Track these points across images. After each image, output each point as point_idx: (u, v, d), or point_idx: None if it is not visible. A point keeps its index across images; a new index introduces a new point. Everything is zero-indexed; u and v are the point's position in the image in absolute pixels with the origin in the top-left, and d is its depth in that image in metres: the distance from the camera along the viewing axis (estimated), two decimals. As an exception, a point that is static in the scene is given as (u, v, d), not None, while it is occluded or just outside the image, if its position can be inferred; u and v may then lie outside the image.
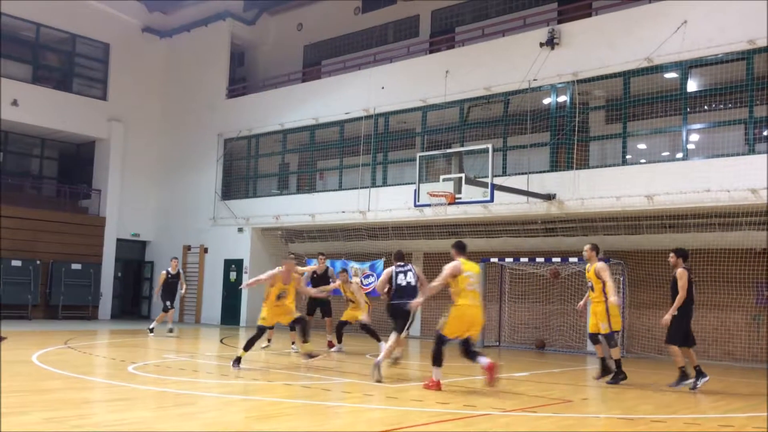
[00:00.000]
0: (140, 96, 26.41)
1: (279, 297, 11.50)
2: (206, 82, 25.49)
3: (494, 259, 18.04)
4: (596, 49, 16.11)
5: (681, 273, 10.11)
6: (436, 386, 8.91)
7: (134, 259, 26.67)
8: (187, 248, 25.12)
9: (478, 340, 12.96)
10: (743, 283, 15.21)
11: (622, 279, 16.62)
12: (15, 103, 23.10)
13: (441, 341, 8.99)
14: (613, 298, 10.35)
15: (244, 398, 8.50)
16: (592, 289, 10.64)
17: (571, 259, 16.74)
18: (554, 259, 16.95)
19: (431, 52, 20.76)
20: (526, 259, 17.55)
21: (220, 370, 11.69)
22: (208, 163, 24.78)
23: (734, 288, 15.30)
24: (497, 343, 18.32)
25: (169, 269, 17.64)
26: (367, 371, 11.37)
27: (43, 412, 6.77)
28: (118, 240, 25.30)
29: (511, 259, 17.88)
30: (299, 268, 15.11)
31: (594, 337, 10.82)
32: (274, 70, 25.50)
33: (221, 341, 17.13)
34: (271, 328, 13.58)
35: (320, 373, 10.99)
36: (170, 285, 17.49)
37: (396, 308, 10.52)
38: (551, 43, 16.61)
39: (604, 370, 10.74)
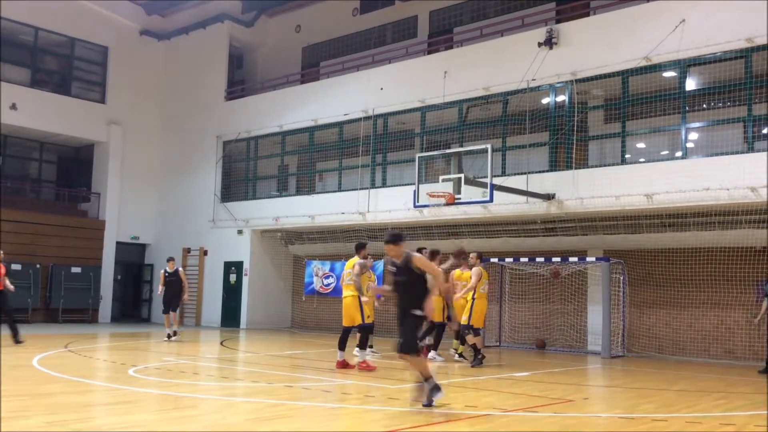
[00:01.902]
0: (139, 99, 26.40)
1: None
2: (205, 84, 25.49)
3: (494, 259, 18.03)
4: (595, 48, 16.10)
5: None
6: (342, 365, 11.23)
7: (134, 262, 26.65)
8: (187, 251, 25.11)
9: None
10: (744, 281, 15.20)
11: (622, 278, 16.62)
12: (14, 106, 23.08)
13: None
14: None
15: (245, 400, 8.49)
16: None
17: (571, 259, 16.75)
18: (554, 259, 16.95)
19: (430, 52, 20.75)
20: (525, 259, 17.54)
21: (220, 373, 11.69)
22: (207, 166, 24.78)
23: (735, 286, 15.30)
24: (498, 344, 18.31)
25: (167, 268, 17.36)
26: (368, 373, 11.37)
27: (43, 416, 6.77)
28: (118, 243, 25.29)
29: (510, 259, 17.87)
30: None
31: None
32: (273, 71, 25.51)
33: (222, 344, 17.12)
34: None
35: (321, 375, 10.99)
36: (169, 284, 17.14)
37: None
38: (549, 42, 16.60)
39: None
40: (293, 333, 21.66)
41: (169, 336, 16.85)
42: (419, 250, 11.96)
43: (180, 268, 17.68)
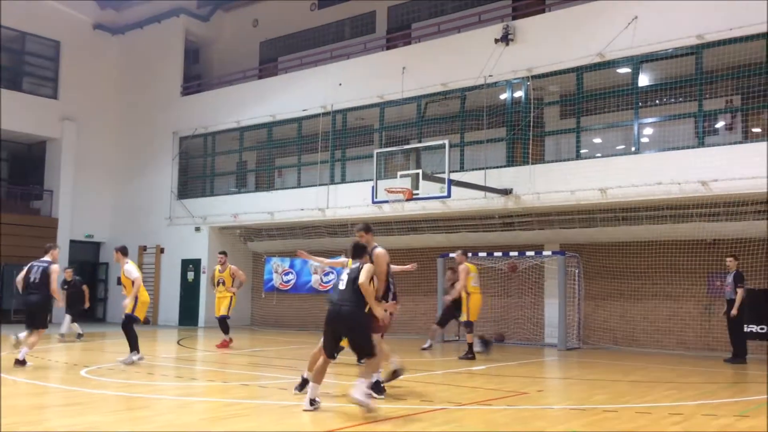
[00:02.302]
0: (93, 94, 25.87)
1: None
2: (160, 79, 25.10)
3: (453, 254, 18.10)
4: (550, 44, 16.29)
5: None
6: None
7: (88, 261, 26.13)
8: (143, 249, 24.73)
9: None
10: (694, 273, 15.55)
11: (577, 272, 16.88)
12: (-38, 102, 22.45)
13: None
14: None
15: (200, 400, 8.41)
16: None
17: (528, 253, 16.94)
18: (512, 253, 17.13)
19: (388, 48, 20.76)
20: (484, 254, 17.67)
21: (176, 372, 11.56)
22: (163, 162, 24.42)
23: (686, 279, 15.64)
24: (456, 338, 18.41)
25: (65, 276, 17.02)
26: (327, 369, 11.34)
27: (-11, 420, 6.60)
28: (72, 241, 24.75)
29: (469, 254, 17.95)
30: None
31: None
32: (230, 66, 25.23)
33: (178, 342, 16.92)
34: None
35: (279, 373, 10.93)
36: (69, 293, 16.87)
37: None
38: (506, 39, 16.74)
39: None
40: (253, 331, 21.52)
41: (78, 335, 16.73)
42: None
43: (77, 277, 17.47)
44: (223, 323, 15.04)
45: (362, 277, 7.24)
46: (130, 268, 11.77)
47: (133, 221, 25.02)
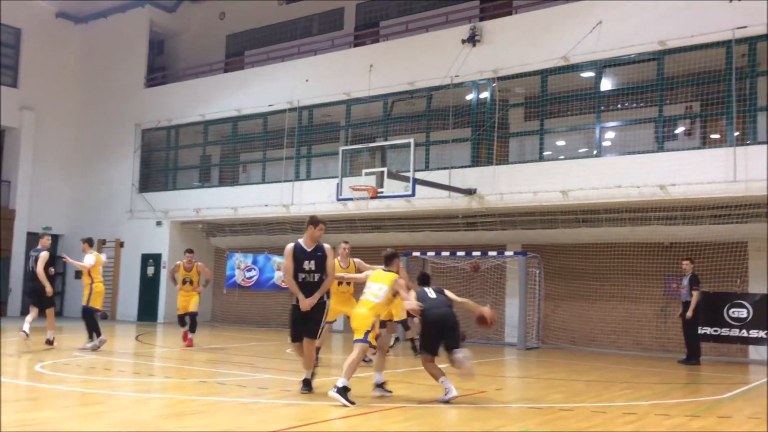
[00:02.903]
0: (54, 84, 25.36)
1: None
2: (124, 70, 24.71)
3: (416, 253, 18.19)
4: (516, 47, 16.44)
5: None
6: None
7: (46, 254, 25.59)
8: (102, 242, 24.32)
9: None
10: (652, 276, 15.85)
11: (538, 272, 17.07)
12: None
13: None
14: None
15: (157, 396, 8.31)
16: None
17: (491, 253, 17.08)
18: (474, 253, 17.25)
19: (356, 45, 20.75)
20: (447, 253, 17.77)
21: (133, 368, 11.40)
22: (124, 154, 24.05)
23: (643, 281, 15.94)
24: (418, 337, 18.49)
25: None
26: (286, 366, 11.31)
27: (-63, 415, 6.44)
28: (29, 233, 24.19)
29: (432, 253, 18.07)
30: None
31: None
32: (196, 59, 24.94)
33: (137, 338, 16.70)
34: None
35: (238, 369, 10.86)
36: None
37: None
38: (473, 40, 16.85)
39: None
40: (213, 327, 21.32)
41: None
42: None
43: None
44: (194, 321, 14.44)
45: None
46: (88, 256, 12.85)
47: (93, 214, 24.59)
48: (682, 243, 15.20)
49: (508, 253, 17.03)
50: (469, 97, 17.29)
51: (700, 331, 13.91)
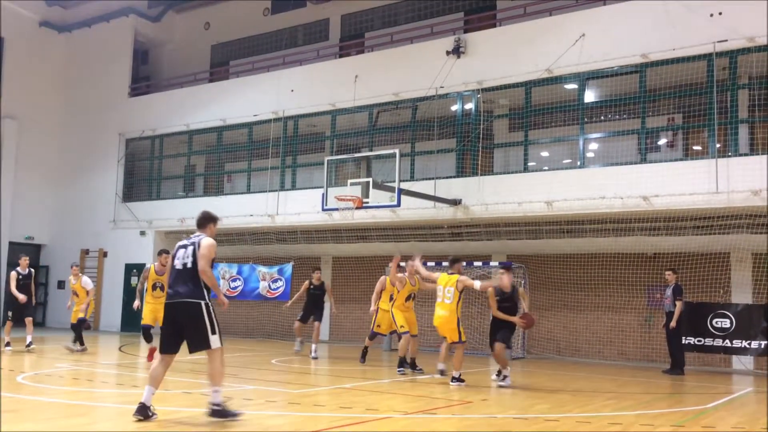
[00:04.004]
0: (37, 93, 25.16)
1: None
2: (108, 79, 24.58)
3: (402, 263, 18.15)
4: (500, 58, 16.56)
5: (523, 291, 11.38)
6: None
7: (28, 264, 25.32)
8: (86, 252, 24.12)
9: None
10: (635, 286, 15.95)
11: (523, 282, 17.11)
12: None
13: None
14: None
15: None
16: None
17: (476, 263, 17.09)
18: (460, 263, 17.25)
19: (341, 56, 20.80)
20: (432, 263, 17.75)
21: (117, 380, 11.29)
22: (108, 164, 23.89)
23: (627, 291, 16.03)
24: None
25: (19, 269, 15.34)
26: (272, 377, 11.25)
27: None
28: (11, 243, 23.95)
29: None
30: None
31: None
32: (180, 69, 24.88)
33: (120, 349, 16.54)
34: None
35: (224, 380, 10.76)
36: (22, 288, 15.10)
37: None
38: (457, 51, 16.95)
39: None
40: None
41: (8, 344, 14.85)
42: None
43: (32, 270, 15.60)
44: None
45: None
46: (88, 280, 14.54)
47: (76, 224, 24.39)
48: (665, 253, 15.32)
49: (493, 263, 17.05)
50: (454, 108, 17.37)
51: (684, 341, 14.01)
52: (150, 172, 23.39)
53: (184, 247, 7.30)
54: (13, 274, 15.21)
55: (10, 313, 15.20)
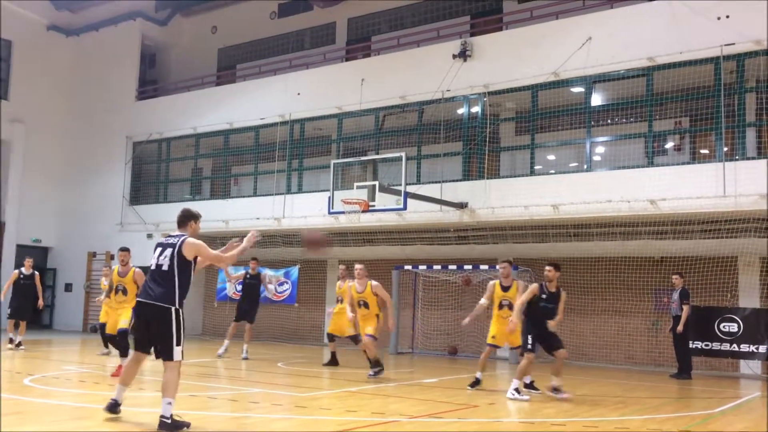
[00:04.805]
0: (44, 96, 25.27)
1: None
2: (115, 83, 24.68)
3: (408, 267, 18.22)
4: (506, 62, 16.55)
5: (565, 295, 10.43)
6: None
7: (35, 266, 25.35)
8: (92, 255, 24.19)
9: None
10: (643, 290, 15.90)
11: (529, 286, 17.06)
12: None
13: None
14: None
15: (147, 411, 8.23)
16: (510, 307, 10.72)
17: (482, 267, 17.09)
18: (466, 267, 17.27)
19: (347, 59, 20.82)
20: (439, 267, 17.79)
21: (133, 379, 11.27)
22: (115, 167, 23.96)
23: (634, 295, 15.98)
24: (411, 350, 18.48)
25: (22, 269, 15.58)
26: (278, 380, 11.25)
27: (-76, 430, 6.36)
28: (18, 246, 24.05)
29: (424, 267, 18.09)
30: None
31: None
32: (187, 72, 24.96)
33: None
34: None
35: (229, 384, 10.80)
36: (22, 288, 15.29)
37: None
38: (464, 55, 16.95)
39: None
40: (204, 340, 21.18)
41: (11, 341, 15.42)
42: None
43: (36, 272, 15.84)
44: (124, 339, 11.41)
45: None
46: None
47: (83, 226, 24.47)
48: (672, 257, 15.26)
49: (499, 266, 17.02)
50: (460, 111, 17.37)
51: (691, 345, 13.96)
52: (157, 175, 23.46)
53: (162, 246, 7.04)
54: (15, 272, 15.68)
55: (9, 311, 15.49)
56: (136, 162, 23.83)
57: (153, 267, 6.97)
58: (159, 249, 7.02)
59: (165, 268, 6.87)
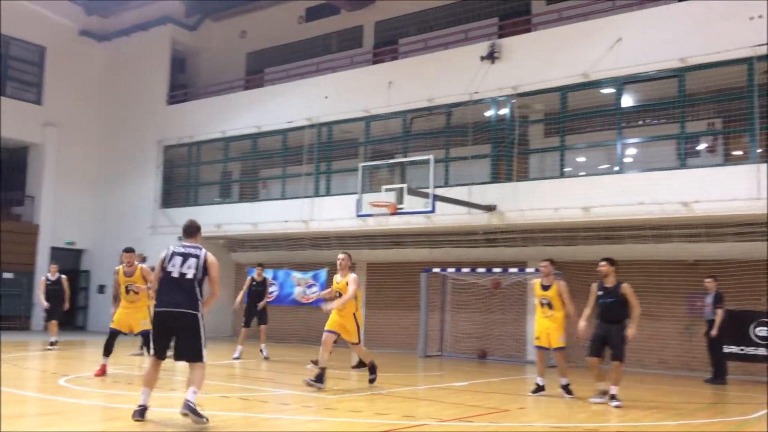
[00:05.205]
0: (77, 101, 25.72)
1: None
2: (146, 87, 25.02)
3: (436, 269, 18.18)
4: (535, 63, 16.44)
5: (630, 289, 10.01)
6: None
7: (69, 268, 25.79)
8: (125, 257, 24.48)
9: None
10: (675, 293, 15.67)
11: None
12: (-57, 105, 22.21)
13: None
14: None
15: (178, 411, 8.30)
16: (551, 306, 10.65)
17: (512, 270, 16.99)
18: (495, 269, 17.18)
19: (375, 62, 20.86)
20: (467, 269, 17.73)
21: (156, 382, 11.40)
22: (147, 171, 24.28)
23: (667, 299, 15.76)
24: (439, 353, 18.42)
25: (48, 275, 16.30)
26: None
27: (-36, 429, 6.50)
28: (53, 248, 24.50)
29: (453, 269, 18.04)
30: None
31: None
32: (217, 77, 25.20)
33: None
34: None
35: (258, 384, 10.86)
36: (51, 292, 16.00)
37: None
38: (492, 56, 16.88)
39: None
40: (233, 342, 21.30)
41: (52, 343, 15.97)
42: None
43: (63, 276, 16.36)
44: (148, 340, 10.32)
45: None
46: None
47: (116, 229, 24.82)
48: (706, 260, 15.04)
49: (529, 269, 16.92)
50: (489, 113, 17.30)
51: (726, 349, 13.72)
52: (187, 179, 23.72)
53: (183, 256, 7.20)
54: (42, 279, 16.29)
55: (45, 315, 16.30)
56: (166, 166, 24.11)
57: (175, 275, 7.11)
58: (179, 258, 7.18)
59: (190, 276, 7.10)
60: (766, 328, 13.65)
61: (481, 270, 17.44)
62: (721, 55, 13.97)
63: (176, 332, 7.11)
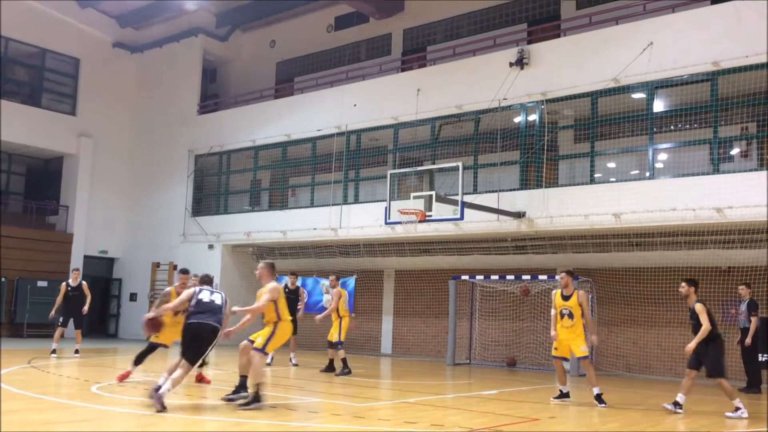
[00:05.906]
0: (110, 111, 26.18)
1: None
2: (178, 97, 25.37)
3: (465, 277, 18.11)
4: (564, 69, 16.33)
5: (700, 307, 10.02)
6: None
7: (102, 276, 26.26)
8: (156, 265, 24.82)
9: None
10: (710, 301, 15.29)
11: (590, 296, 16.74)
12: (-19, 117, 22.74)
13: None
14: None
15: (210, 419, 8.38)
16: (571, 316, 10.57)
17: (541, 277, 16.85)
18: (524, 277, 17.05)
19: (403, 70, 20.89)
20: (496, 277, 17.62)
21: (186, 390, 11.52)
22: (178, 179, 24.59)
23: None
24: (468, 361, 18.33)
25: (69, 281, 16.23)
26: (336, 390, 11.31)
27: (-1, 435, 6.61)
28: (86, 257, 24.93)
29: (481, 277, 17.95)
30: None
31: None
32: (247, 86, 25.47)
33: (189, 360, 16.88)
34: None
35: (287, 393, 10.89)
36: (71, 299, 15.98)
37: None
38: (521, 62, 16.80)
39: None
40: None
41: (74, 351, 16.15)
42: None
43: (84, 282, 16.40)
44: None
45: None
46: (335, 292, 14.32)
47: (147, 238, 25.17)
48: (739, 267, 14.75)
49: (558, 277, 16.75)
50: (518, 119, 17.21)
51: (760, 358, 13.43)
52: (218, 187, 23.97)
53: (211, 291, 9.44)
54: (63, 285, 16.31)
55: (61, 319, 16.16)
56: (197, 174, 24.39)
57: (206, 300, 9.20)
58: (208, 292, 9.37)
59: (218, 303, 9.31)
60: (803, 337, 13.33)
61: (510, 277, 17.32)
62: (755, 58, 13.73)
63: (204, 341, 9.14)
